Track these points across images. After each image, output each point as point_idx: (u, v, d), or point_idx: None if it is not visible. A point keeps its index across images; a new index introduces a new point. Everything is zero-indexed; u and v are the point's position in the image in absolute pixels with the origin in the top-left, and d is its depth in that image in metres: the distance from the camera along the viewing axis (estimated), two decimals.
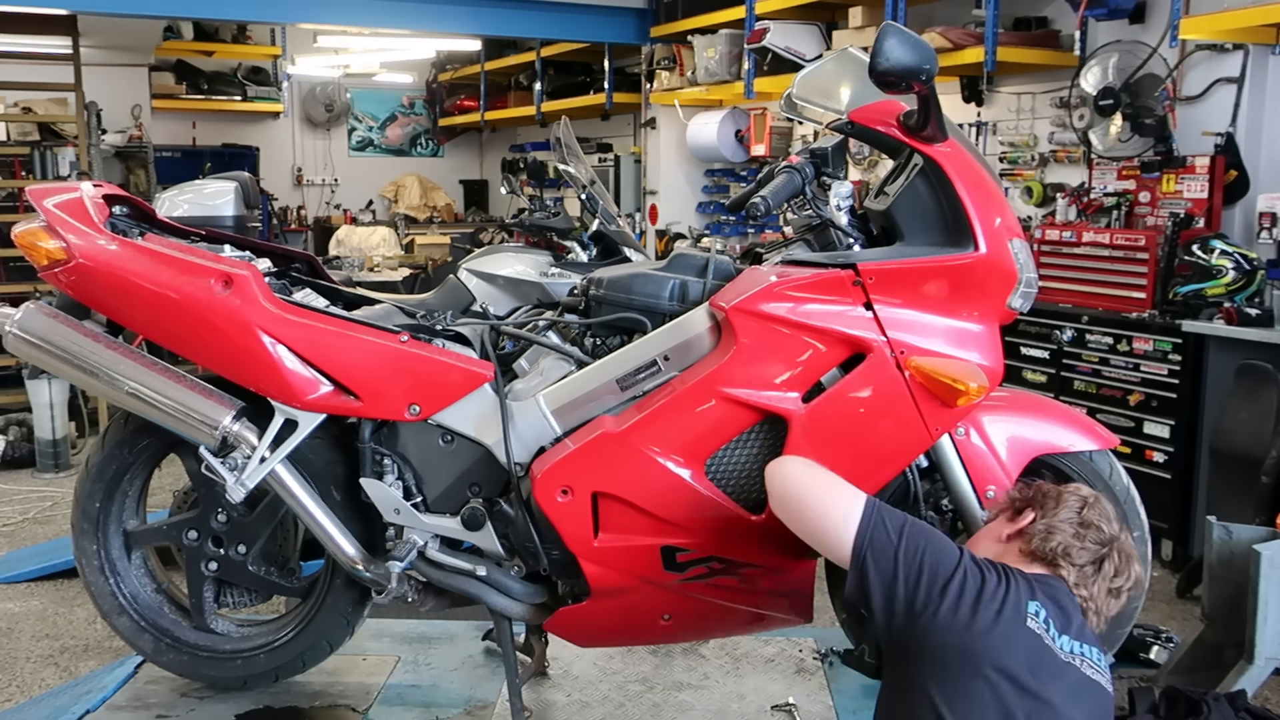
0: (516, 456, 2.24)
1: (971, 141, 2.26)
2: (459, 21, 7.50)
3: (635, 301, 2.25)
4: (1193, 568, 4.21)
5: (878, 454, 2.13)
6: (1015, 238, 2.16)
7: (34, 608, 3.99)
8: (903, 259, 2.12)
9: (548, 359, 2.31)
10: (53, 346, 2.31)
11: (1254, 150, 4.62)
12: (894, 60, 1.96)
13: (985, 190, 2.14)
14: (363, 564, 2.34)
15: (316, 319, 2.29)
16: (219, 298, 2.23)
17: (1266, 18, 4.17)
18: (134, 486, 2.57)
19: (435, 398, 2.27)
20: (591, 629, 2.32)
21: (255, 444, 2.30)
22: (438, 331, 2.38)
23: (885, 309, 2.10)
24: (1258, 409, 3.95)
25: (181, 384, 2.30)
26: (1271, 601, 2.43)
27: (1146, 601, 2.42)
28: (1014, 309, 2.19)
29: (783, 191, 2.19)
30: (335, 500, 2.38)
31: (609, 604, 2.22)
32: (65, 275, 2.27)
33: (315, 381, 2.26)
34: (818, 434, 2.09)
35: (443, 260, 8.25)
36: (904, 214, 2.15)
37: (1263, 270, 4.26)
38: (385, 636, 2.93)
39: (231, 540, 2.49)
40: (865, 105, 2.17)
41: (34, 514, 5.16)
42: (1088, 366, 4.64)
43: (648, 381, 2.18)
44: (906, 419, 2.10)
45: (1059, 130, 5.42)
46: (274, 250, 2.60)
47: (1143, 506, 2.34)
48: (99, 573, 2.55)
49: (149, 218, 2.49)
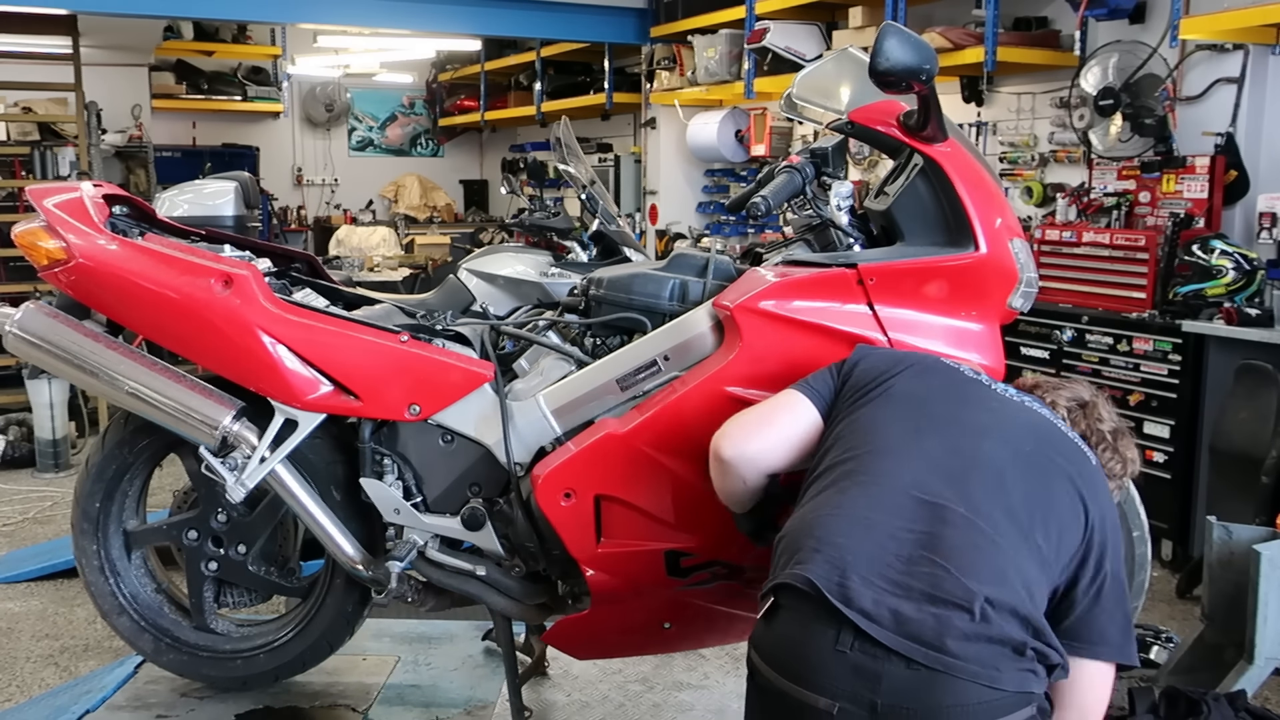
0: (516, 456, 2.24)
1: (971, 141, 2.26)
2: (459, 21, 7.50)
3: (635, 301, 2.25)
4: (1193, 568, 4.21)
5: None
6: (1015, 237, 2.16)
7: (34, 608, 3.99)
8: (903, 259, 2.12)
9: (548, 359, 2.31)
10: (53, 346, 2.31)
11: (1254, 150, 4.62)
12: (894, 60, 1.96)
13: (985, 190, 2.14)
14: (363, 564, 2.34)
15: (316, 319, 2.28)
16: (219, 297, 2.23)
17: (1266, 18, 4.17)
18: (134, 486, 2.57)
19: (435, 398, 2.27)
20: (591, 639, 2.31)
21: (255, 444, 2.29)
22: (438, 331, 2.38)
23: (886, 309, 2.10)
24: (1258, 409, 3.95)
25: (181, 384, 2.30)
26: (1271, 601, 2.43)
27: (1147, 601, 2.42)
28: (1014, 308, 2.19)
29: (783, 191, 2.18)
30: (335, 500, 2.38)
31: (609, 611, 2.21)
32: (65, 275, 2.27)
33: (315, 381, 2.26)
34: None
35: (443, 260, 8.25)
36: (904, 214, 2.15)
37: (1263, 270, 4.26)
38: (385, 636, 2.93)
39: (231, 540, 2.49)
40: (865, 105, 2.17)
41: (34, 514, 5.16)
42: (1088, 366, 4.64)
43: (648, 381, 2.18)
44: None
45: (1059, 130, 5.42)
46: (274, 250, 2.60)
47: (1143, 506, 2.33)
48: (99, 572, 2.55)
49: (149, 218, 2.49)
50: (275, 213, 10.15)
